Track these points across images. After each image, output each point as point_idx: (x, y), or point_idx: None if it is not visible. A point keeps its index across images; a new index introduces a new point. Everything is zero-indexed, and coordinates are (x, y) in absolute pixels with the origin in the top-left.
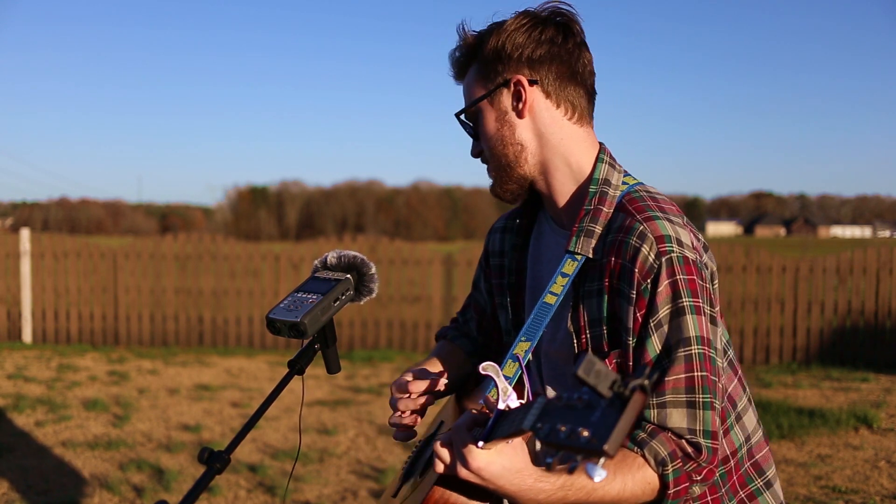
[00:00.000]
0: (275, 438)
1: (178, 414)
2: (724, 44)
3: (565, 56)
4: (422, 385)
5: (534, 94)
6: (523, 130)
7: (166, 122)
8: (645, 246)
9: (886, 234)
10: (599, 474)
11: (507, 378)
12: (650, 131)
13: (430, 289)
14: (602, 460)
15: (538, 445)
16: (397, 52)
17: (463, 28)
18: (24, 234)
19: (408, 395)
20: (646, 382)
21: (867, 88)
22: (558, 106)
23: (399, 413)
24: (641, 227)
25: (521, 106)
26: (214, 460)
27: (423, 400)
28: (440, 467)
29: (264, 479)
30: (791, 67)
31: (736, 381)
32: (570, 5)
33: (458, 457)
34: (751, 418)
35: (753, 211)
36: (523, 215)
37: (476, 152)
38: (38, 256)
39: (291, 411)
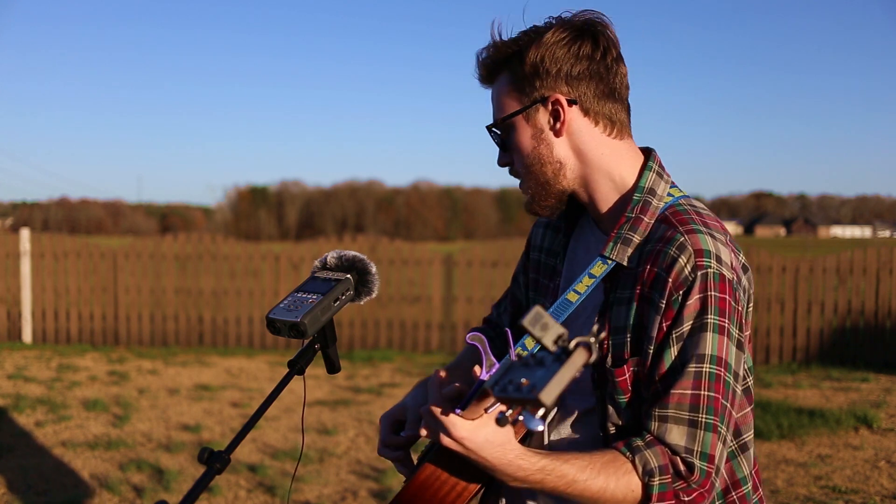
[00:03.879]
0: (275, 438)
1: (178, 414)
2: (725, 44)
3: (604, 73)
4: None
5: (572, 114)
6: (561, 148)
7: (166, 122)
8: (682, 257)
9: (886, 234)
10: (535, 424)
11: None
12: (650, 131)
13: (430, 289)
14: (541, 411)
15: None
16: (397, 52)
17: (497, 32)
18: (24, 234)
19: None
20: (591, 340)
21: (867, 88)
22: (597, 123)
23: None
24: (682, 238)
25: (559, 125)
26: (214, 460)
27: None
28: (423, 433)
29: (264, 479)
30: (791, 67)
31: (748, 410)
32: (603, 14)
33: (442, 426)
34: (750, 454)
35: (753, 211)
36: (567, 217)
37: (504, 163)
38: (38, 256)
39: (291, 411)
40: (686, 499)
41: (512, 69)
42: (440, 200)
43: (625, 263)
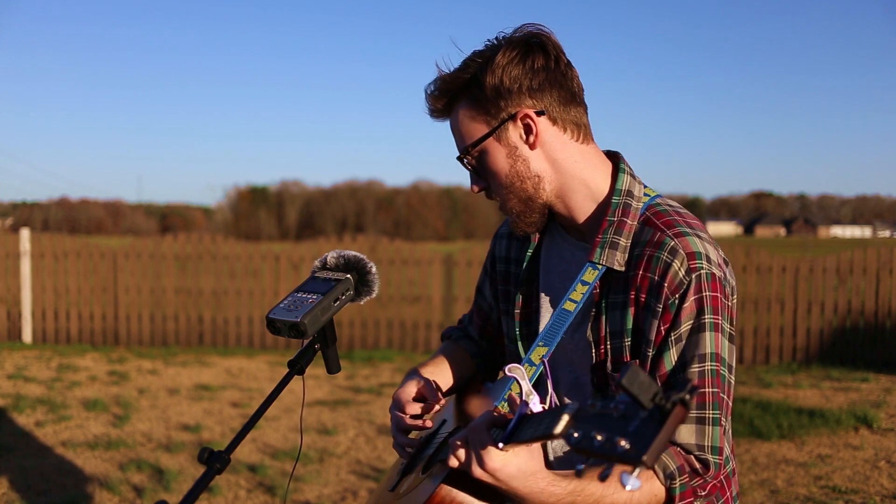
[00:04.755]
0: (275, 438)
1: (178, 414)
2: (725, 44)
3: (561, 79)
4: (419, 407)
5: (542, 124)
6: (537, 161)
7: (166, 122)
8: (676, 262)
9: (886, 234)
10: (633, 484)
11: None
12: (650, 131)
13: (430, 289)
14: (637, 470)
15: (550, 450)
16: (397, 52)
17: (443, 65)
18: (24, 234)
19: (407, 415)
20: (686, 397)
21: (867, 88)
22: (565, 130)
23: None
24: (672, 242)
25: (532, 139)
26: (214, 460)
27: (419, 422)
28: (454, 463)
29: (264, 479)
30: (791, 67)
31: None
32: (542, 25)
33: (476, 456)
34: (730, 434)
35: (753, 211)
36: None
37: (480, 188)
38: (38, 256)
39: (291, 411)
40: (703, 493)
41: (471, 95)
42: (440, 200)
43: (616, 267)
